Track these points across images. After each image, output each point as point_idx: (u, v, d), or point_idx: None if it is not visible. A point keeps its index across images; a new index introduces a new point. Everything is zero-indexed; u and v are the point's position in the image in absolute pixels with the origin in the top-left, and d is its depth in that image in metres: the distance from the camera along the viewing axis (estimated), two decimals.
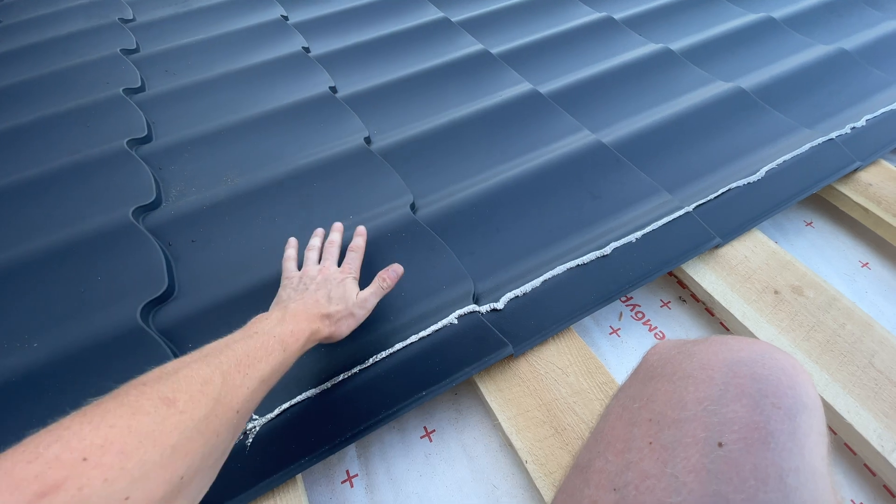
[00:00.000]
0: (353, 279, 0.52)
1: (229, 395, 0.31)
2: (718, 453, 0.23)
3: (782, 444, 0.22)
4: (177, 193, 0.71)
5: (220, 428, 0.30)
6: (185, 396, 0.28)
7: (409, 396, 0.48)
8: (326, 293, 0.48)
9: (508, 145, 0.75)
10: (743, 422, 0.23)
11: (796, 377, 0.25)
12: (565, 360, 0.52)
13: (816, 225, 0.71)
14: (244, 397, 0.33)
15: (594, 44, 0.96)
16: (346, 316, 0.48)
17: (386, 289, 0.52)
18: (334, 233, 0.58)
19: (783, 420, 0.23)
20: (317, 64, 0.93)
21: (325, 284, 0.49)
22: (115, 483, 0.23)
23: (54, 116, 0.83)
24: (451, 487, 0.49)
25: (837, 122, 0.77)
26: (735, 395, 0.24)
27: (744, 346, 0.27)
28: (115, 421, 0.25)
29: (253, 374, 0.35)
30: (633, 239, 0.60)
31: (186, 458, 0.27)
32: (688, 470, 0.23)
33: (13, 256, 0.60)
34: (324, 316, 0.46)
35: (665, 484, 0.23)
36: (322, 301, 0.47)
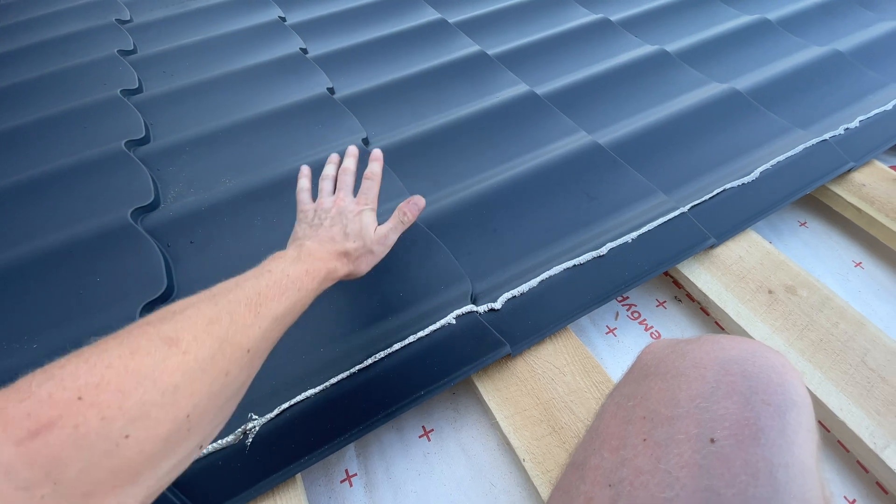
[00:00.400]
0: (370, 211, 0.49)
1: (238, 334, 0.31)
2: (710, 449, 0.23)
3: (772, 440, 0.23)
4: (175, 195, 0.71)
5: (229, 367, 0.29)
6: (188, 336, 0.28)
7: (407, 396, 0.48)
8: (342, 228, 0.46)
9: (506, 146, 0.75)
10: (734, 418, 0.24)
11: (786, 374, 0.26)
12: (562, 359, 0.53)
13: (810, 225, 0.72)
14: (255, 336, 0.32)
15: (590, 45, 0.97)
16: (365, 253, 0.46)
17: (406, 223, 0.50)
18: (349, 158, 0.55)
19: (773, 416, 0.24)
20: (314, 65, 0.94)
21: (341, 218, 0.47)
22: (113, 422, 0.22)
23: (52, 118, 0.83)
24: (450, 486, 0.49)
25: (831, 122, 0.78)
26: (726, 393, 0.25)
27: (735, 345, 0.28)
28: (112, 361, 0.24)
29: (265, 313, 0.34)
30: (629, 239, 0.60)
31: (192, 397, 0.26)
32: (680, 466, 0.23)
33: (12, 257, 0.60)
34: (341, 254, 0.44)
35: (658, 479, 0.24)
36: (338, 238, 0.46)
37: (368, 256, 0.47)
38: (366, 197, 0.51)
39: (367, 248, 0.46)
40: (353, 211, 0.48)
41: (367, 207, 0.49)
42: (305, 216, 0.49)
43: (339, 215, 0.48)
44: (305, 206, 0.51)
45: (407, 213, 0.50)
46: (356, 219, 0.48)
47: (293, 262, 0.40)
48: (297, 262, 0.40)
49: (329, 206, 0.49)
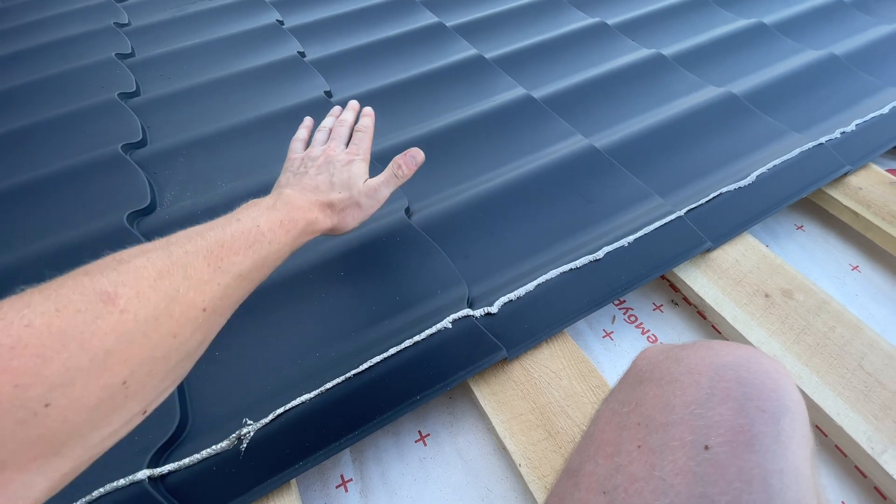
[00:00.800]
0: (361, 161, 0.46)
1: (192, 290, 0.28)
2: (704, 456, 0.23)
3: (766, 446, 0.23)
4: (171, 198, 0.71)
5: (178, 329, 0.26)
6: (129, 292, 0.25)
7: (403, 400, 0.48)
8: (328, 178, 0.43)
9: (503, 150, 0.75)
10: (728, 425, 0.24)
11: (780, 381, 0.26)
12: (559, 363, 0.53)
13: (807, 228, 0.72)
14: (213, 294, 0.29)
15: (588, 49, 0.97)
16: (351, 205, 0.43)
17: (402, 177, 0.46)
18: (347, 111, 0.53)
19: (767, 423, 0.24)
20: (312, 68, 0.94)
21: (328, 167, 0.44)
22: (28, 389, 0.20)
23: (49, 121, 0.83)
24: (446, 491, 0.49)
25: (828, 126, 0.78)
26: (721, 399, 0.25)
27: (729, 351, 0.28)
28: (33, 318, 0.22)
29: (227, 267, 0.30)
30: (625, 243, 0.60)
31: (128, 363, 0.24)
32: (675, 472, 0.23)
33: (8, 260, 0.60)
34: (324, 204, 0.41)
35: (653, 486, 0.24)
36: (323, 186, 0.42)
37: (355, 210, 0.43)
38: (357, 147, 0.48)
39: (354, 199, 0.43)
40: (342, 160, 0.45)
41: (358, 157, 0.46)
42: (291, 164, 0.46)
43: (326, 164, 0.44)
44: (293, 154, 0.47)
45: (402, 167, 0.47)
46: (345, 168, 0.44)
47: (267, 211, 0.36)
48: (272, 211, 0.36)
49: (318, 154, 0.46)
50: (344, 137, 0.49)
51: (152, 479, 0.42)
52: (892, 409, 0.47)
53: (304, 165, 0.45)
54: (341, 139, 0.49)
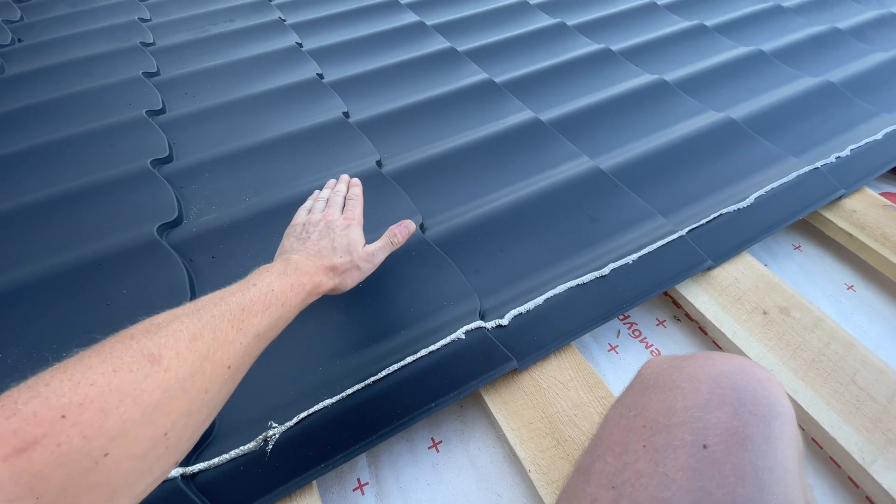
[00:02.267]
0: (357, 226, 0.51)
1: (220, 350, 0.31)
2: (703, 454, 0.26)
3: (758, 446, 0.26)
4: (197, 212, 0.74)
5: (209, 385, 0.30)
6: (171, 353, 0.28)
7: (418, 407, 0.51)
8: (330, 242, 0.47)
9: (512, 170, 0.79)
10: (724, 426, 0.27)
11: (771, 388, 0.29)
12: (566, 374, 0.55)
13: (804, 249, 0.75)
14: (237, 353, 0.32)
15: (593, 74, 1.01)
16: (352, 269, 0.47)
17: (396, 244, 0.51)
18: (340, 183, 0.59)
19: (759, 425, 0.26)
20: (330, 90, 0.98)
21: (329, 232, 0.48)
22: (94, 440, 0.23)
23: (81, 135, 0.87)
24: (458, 496, 0.51)
25: (823, 151, 0.82)
26: (718, 404, 0.28)
27: (726, 361, 0.31)
28: (96, 378, 0.25)
29: (248, 329, 0.34)
30: (629, 260, 0.63)
31: (170, 416, 0.27)
32: (677, 469, 0.26)
33: (41, 270, 0.63)
34: (328, 269, 0.45)
35: (657, 481, 0.26)
36: (325, 252, 0.46)
37: (355, 272, 0.47)
38: (352, 213, 0.53)
39: (355, 263, 0.47)
40: (340, 225, 0.50)
41: (354, 222, 0.51)
42: (294, 229, 0.51)
43: (327, 229, 0.49)
44: (296, 221, 0.52)
45: (397, 235, 0.52)
46: (344, 233, 0.49)
47: (279, 277, 0.40)
48: (283, 277, 0.40)
49: (317, 219, 0.51)
50: (339, 205, 0.55)
51: (184, 477, 0.45)
52: (882, 422, 0.50)
53: (305, 231, 0.50)
54: (337, 207, 0.54)
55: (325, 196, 0.57)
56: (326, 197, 0.57)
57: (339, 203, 0.55)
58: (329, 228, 0.49)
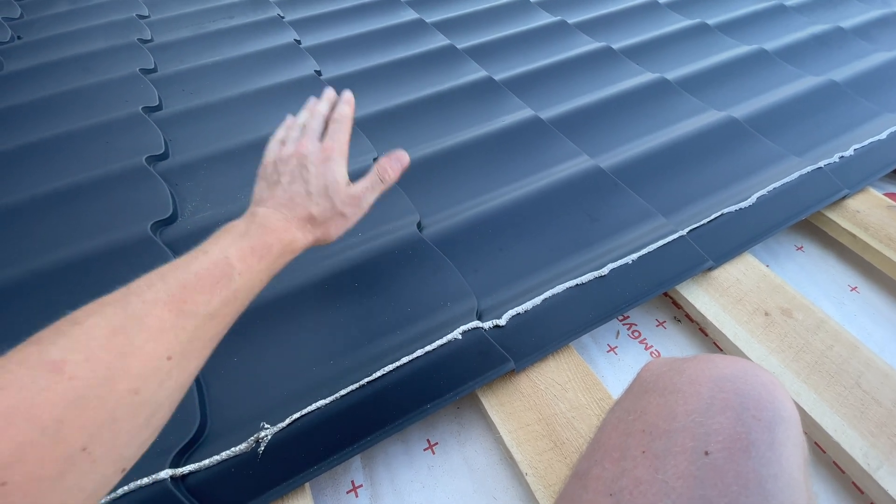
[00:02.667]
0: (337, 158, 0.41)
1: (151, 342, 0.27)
2: (704, 461, 0.25)
3: (762, 453, 0.25)
4: (192, 209, 0.73)
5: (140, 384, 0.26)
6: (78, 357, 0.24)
7: (414, 409, 0.50)
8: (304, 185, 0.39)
9: (511, 168, 0.78)
10: (727, 432, 0.26)
11: (775, 392, 0.28)
12: (564, 376, 0.55)
13: (807, 249, 0.74)
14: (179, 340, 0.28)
15: (593, 72, 1.00)
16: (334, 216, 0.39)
17: (387, 182, 0.43)
18: (321, 102, 0.48)
19: (763, 431, 0.25)
20: (328, 87, 0.97)
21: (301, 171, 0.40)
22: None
23: (76, 132, 0.86)
24: (454, 498, 0.51)
25: (826, 150, 0.81)
26: (720, 408, 0.27)
27: (728, 364, 0.30)
28: None
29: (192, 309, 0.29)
30: (629, 260, 0.62)
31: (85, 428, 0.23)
32: (677, 476, 0.25)
33: (34, 267, 0.63)
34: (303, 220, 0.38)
35: (656, 489, 0.25)
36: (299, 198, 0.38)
37: (339, 220, 0.40)
38: (332, 141, 0.42)
39: (337, 209, 0.39)
40: (316, 160, 0.40)
41: (335, 154, 0.41)
42: (265, 170, 0.42)
43: (299, 167, 0.40)
44: (267, 158, 0.43)
45: (388, 171, 0.43)
46: (320, 172, 0.40)
47: (238, 239, 0.34)
48: (243, 239, 0.34)
49: (289, 153, 0.41)
50: (317, 131, 0.44)
51: (174, 479, 0.44)
52: (887, 426, 0.49)
53: (276, 171, 0.41)
54: (314, 133, 0.44)
55: (303, 121, 0.46)
56: (303, 123, 0.46)
57: (317, 129, 0.44)
58: (302, 166, 0.40)
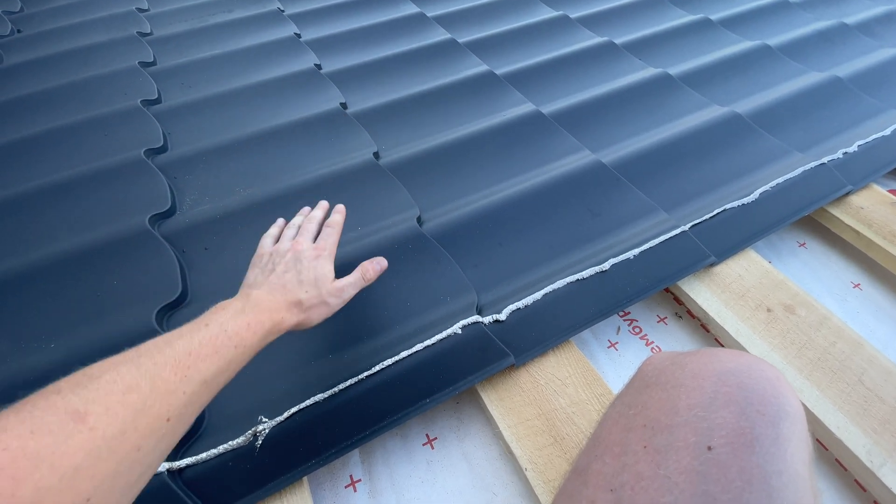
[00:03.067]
0: (327, 257, 0.47)
1: (158, 402, 0.29)
2: (707, 456, 0.25)
3: (766, 448, 0.24)
4: (191, 202, 0.73)
5: (143, 441, 0.27)
6: (99, 409, 0.26)
7: (413, 403, 0.50)
8: (296, 275, 0.44)
9: (511, 163, 0.78)
10: (730, 427, 0.25)
11: (780, 387, 0.27)
12: (565, 371, 0.54)
13: (809, 246, 0.73)
14: (178, 403, 0.30)
15: (595, 67, 1.00)
16: (319, 304, 0.44)
17: (368, 281, 0.49)
18: (317, 209, 0.55)
19: (767, 426, 0.25)
20: (328, 81, 0.97)
21: (295, 264, 0.45)
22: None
23: (74, 125, 0.86)
24: (452, 493, 0.50)
25: (830, 146, 0.80)
26: (723, 403, 0.26)
27: (732, 358, 0.29)
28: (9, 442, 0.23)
29: (194, 375, 0.32)
30: (630, 256, 0.62)
31: (94, 479, 0.25)
32: (679, 471, 0.25)
33: (33, 259, 0.62)
34: (292, 304, 0.42)
35: (658, 485, 0.25)
36: (291, 285, 0.43)
37: (322, 307, 0.44)
38: (324, 243, 0.49)
39: (322, 298, 0.44)
40: (309, 256, 0.46)
41: (325, 254, 0.48)
42: (259, 260, 0.47)
43: (294, 260, 0.46)
44: (262, 250, 0.49)
45: (369, 271, 0.49)
46: (311, 266, 0.46)
47: (235, 315, 0.37)
48: (240, 315, 0.38)
49: (285, 248, 0.47)
50: (312, 233, 0.51)
51: (171, 472, 0.44)
52: (891, 424, 0.48)
53: (271, 261, 0.46)
54: (309, 234, 0.50)
55: (297, 223, 0.53)
56: (298, 224, 0.53)
57: (313, 231, 0.51)
58: (297, 260, 0.46)
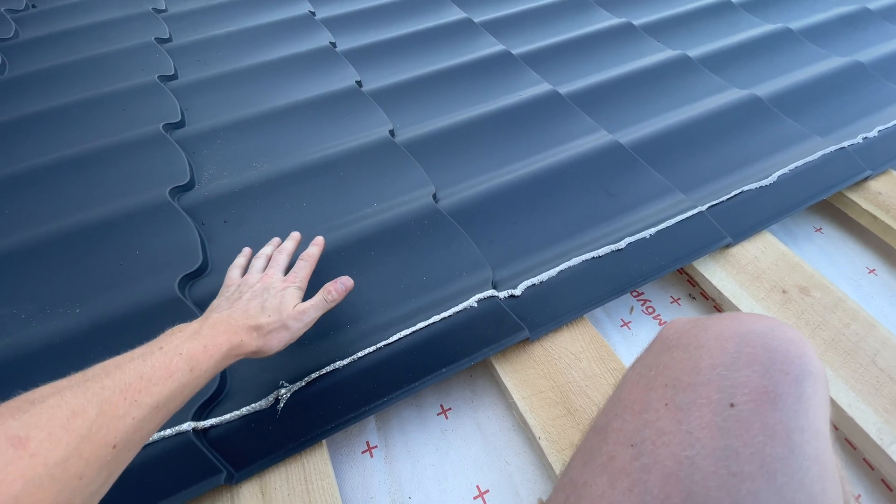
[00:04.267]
0: (296, 289, 0.47)
1: (105, 428, 0.28)
2: (730, 412, 0.25)
3: (789, 405, 0.25)
4: (209, 176, 0.74)
5: (85, 469, 0.26)
6: (41, 434, 0.25)
7: (428, 373, 0.51)
8: (261, 303, 0.43)
9: (527, 142, 0.78)
10: (753, 385, 0.26)
11: (803, 347, 0.28)
12: (578, 346, 0.55)
13: (826, 231, 0.73)
14: (126, 429, 0.29)
15: (613, 48, 0.99)
16: (279, 328, 0.43)
17: (331, 302, 0.47)
18: (288, 241, 0.55)
19: (790, 384, 0.26)
20: (343, 59, 0.96)
21: (263, 293, 0.45)
22: None
23: (93, 99, 0.86)
24: (466, 461, 0.51)
25: (850, 131, 0.79)
26: (747, 362, 0.27)
27: (755, 320, 0.29)
28: None
29: (144, 399, 0.30)
30: (647, 235, 0.62)
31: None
32: (701, 427, 0.25)
33: (57, 228, 0.63)
34: (251, 328, 0.41)
35: (680, 439, 0.26)
36: (253, 311, 0.42)
37: (282, 332, 0.43)
38: (296, 275, 0.48)
39: (282, 322, 0.43)
40: (277, 287, 0.46)
41: (294, 285, 0.47)
42: (227, 290, 0.47)
43: (262, 290, 0.45)
44: (230, 280, 0.48)
45: (332, 293, 0.48)
46: (278, 294, 0.45)
47: (190, 338, 0.36)
48: (195, 337, 0.37)
49: (255, 280, 0.47)
50: (282, 265, 0.50)
51: (196, 431, 0.45)
52: None
53: (238, 291, 0.46)
54: (280, 267, 0.50)
55: (266, 253, 0.52)
56: (267, 254, 0.52)
57: (283, 263, 0.51)
58: (265, 289, 0.45)
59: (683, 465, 0.25)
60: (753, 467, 0.24)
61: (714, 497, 0.24)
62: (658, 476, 0.25)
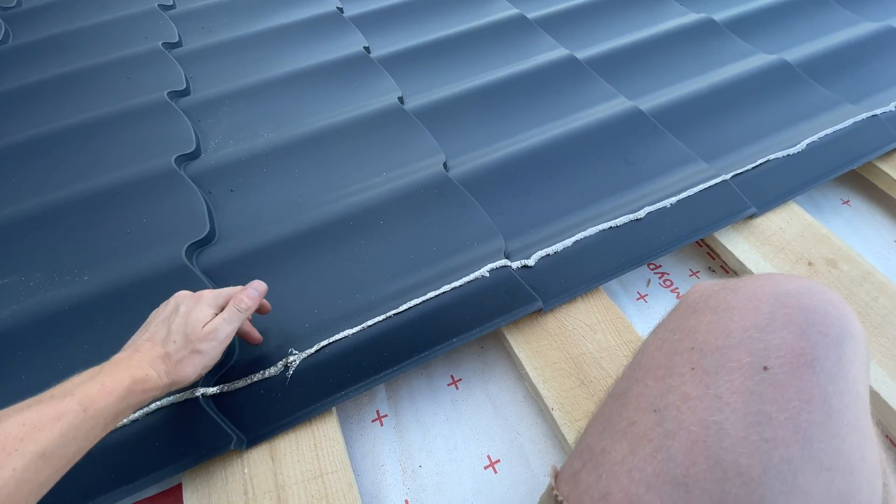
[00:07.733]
0: (206, 305, 0.41)
1: None
2: (763, 376, 0.24)
3: (827, 369, 0.23)
4: (215, 145, 0.72)
5: None
6: None
7: (439, 342, 0.49)
8: (167, 327, 0.39)
9: (542, 109, 0.75)
10: (789, 347, 0.24)
11: (843, 308, 0.26)
12: (593, 317, 0.53)
13: (853, 203, 0.70)
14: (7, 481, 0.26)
15: (633, 11, 0.94)
16: (189, 354, 0.38)
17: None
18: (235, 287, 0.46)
19: (829, 347, 0.24)
20: (350, 24, 0.93)
21: (171, 316, 0.40)
22: None
23: (97, 67, 0.85)
24: (477, 431, 0.51)
25: (882, 98, 0.75)
26: (782, 324, 0.25)
27: (791, 281, 0.28)
28: None
29: (26, 448, 0.28)
30: (667, 204, 0.60)
31: None
32: (731, 391, 0.24)
33: (63, 196, 0.63)
34: (157, 357, 0.37)
35: (707, 404, 0.24)
36: (158, 337, 0.38)
37: (195, 357, 0.38)
38: (212, 294, 0.42)
39: (192, 347, 0.38)
40: (188, 304, 0.41)
41: (203, 302, 0.41)
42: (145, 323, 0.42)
43: (170, 313, 0.40)
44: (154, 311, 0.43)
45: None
46: (185, 313, 0.40)
47: (88, 378, 0.33)
48: (94, 378, 0.33)
49: (165, 305, 0.42)
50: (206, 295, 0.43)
51: (206, 397, 0.45)
52: None
53: (149, 319, 0.42)
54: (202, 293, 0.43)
55: None
56: None
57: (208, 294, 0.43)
58: (174, 310, 0.41)
59: (711, 431, 0.23)
60: (788, 433, 0.22)
61: (744, 464, 0.22)
62: (683, 442, 0.24)
